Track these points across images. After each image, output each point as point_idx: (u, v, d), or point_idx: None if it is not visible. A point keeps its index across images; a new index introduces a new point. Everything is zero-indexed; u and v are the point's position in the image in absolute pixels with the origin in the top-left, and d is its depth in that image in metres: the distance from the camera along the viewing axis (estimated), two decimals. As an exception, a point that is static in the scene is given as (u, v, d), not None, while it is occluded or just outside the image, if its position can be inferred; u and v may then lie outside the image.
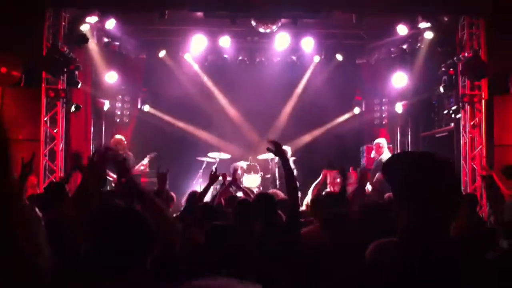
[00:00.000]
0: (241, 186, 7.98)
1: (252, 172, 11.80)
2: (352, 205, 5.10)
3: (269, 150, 4.37)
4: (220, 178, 6.79)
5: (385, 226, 2.46)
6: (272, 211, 4.40)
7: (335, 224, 3.92)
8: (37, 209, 4.12)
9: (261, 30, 9.92)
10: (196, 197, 6.17)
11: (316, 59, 12.85)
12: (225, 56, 12.63)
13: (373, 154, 11.24)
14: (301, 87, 13.53)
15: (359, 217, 3.60)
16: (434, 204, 1.74)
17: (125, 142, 10.78)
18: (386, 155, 10.47)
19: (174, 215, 5.78)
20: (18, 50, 9.36)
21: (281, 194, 6.77)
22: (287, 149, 11.67)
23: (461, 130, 10.42)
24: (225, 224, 3.85)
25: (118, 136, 10.89)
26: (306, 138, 13.49)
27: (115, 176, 10.21)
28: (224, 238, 3.20)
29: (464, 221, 5.47)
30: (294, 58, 12.80)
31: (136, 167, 10.52)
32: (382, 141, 10.94)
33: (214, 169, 6.43)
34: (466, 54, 9.88)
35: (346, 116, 13.65)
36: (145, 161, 10.63)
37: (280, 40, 11.73)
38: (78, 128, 10.84)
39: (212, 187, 6.96)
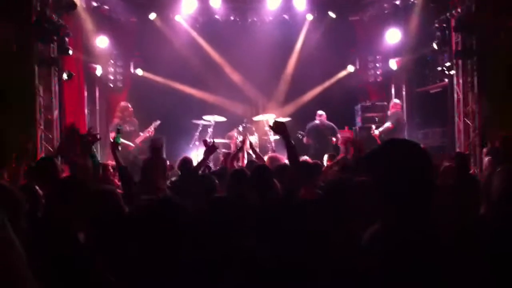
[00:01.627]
0: (256, 152, 8.03)
1: (248, 133, 11.84)
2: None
3: (271, 128, 4.32)
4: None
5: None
6: (266, 183, 4.45)
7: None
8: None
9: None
10: (187, 163, 6.20)
11: (309, 17, 12.72)
12: (217, 16, 12.50)
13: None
14: (296, 47, 13.42)
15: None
16: (412, 197, 1.80)
17: (131, 108, 10.91)
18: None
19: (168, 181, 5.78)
20: (6, 19, 9.22)
21: (281, 159, 6.83)
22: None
23: (454, 86, 10.43)
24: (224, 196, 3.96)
25: (123, 103, 11.02)
26: (302, 99, 13.50)
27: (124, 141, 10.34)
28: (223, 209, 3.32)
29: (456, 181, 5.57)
30: (286, 17, 12.68)
31: (142, 134, 10.60)
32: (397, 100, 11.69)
33: (211, 140, 6.36)
34: (459, 10, 9.78)
35: (341, 74, 13.60)
36: (151, 128, 10.68)
37: (272, -1, 11.58)
38: (72, 95, 10.82)
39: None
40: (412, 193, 1.80)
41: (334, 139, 11.18)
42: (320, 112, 11.64)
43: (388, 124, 10.91)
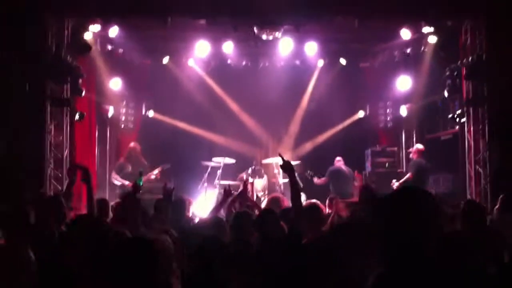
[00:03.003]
0: (249, 198, 7.95)
1: (257, 176, 11.83)
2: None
3: (280, 156, 4.49)
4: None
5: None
6: (272, 225, 4.42)
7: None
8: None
9: (264, 37, 9.91)
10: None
11: (320, 63, 12.87)
12: (229, 61, 12.67)
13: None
14: (307, 92, 13.54)
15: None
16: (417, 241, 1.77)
17: (139, 149, 11.13)
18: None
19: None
20: (21, 59, 9.41)
21: (283, 200, 6.78)
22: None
23: (466, 133, 10.39)
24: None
25: (132, 144, 11.20)
26: (312, 143, 13.52)
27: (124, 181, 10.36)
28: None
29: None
30: (297, 62, 12.82)
31: (146, 176, 10.55)
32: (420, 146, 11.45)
33: (228, 186, 6.45)
34: (470, 58, 9.84)
35: (351, 119, 13.65)
36: (156, 171, 10.70)
37: (283, 45, 11.72)
38: (82, 135, 10.91)
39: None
40: (418, 241, 1.76)
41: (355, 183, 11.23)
42: (338, 158, 11.85)
43: (407, 175, 10.86)
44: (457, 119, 10.47)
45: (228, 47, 11.92)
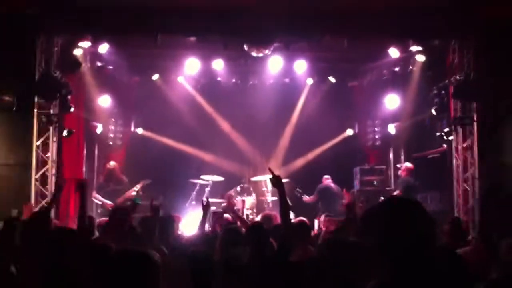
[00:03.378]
0: (237, 213, 7.95)
1: (245, 194, 11.78)
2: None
3: (270, 171, 4.54)
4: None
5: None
6: (261, 241, 4.39)
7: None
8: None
9: (254, 54, 9.96)
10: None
11: (309, 81, 12.94)
12: (218, 79, 12.69)
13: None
14: (297, 110, 13.59)
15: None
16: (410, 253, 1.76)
17: (117, 167, 10.94)
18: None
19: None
20: (10, 75, 9.38)
21: (275, 217, 6.76)
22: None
23: (453, 152, 10.46)
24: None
25: (111, 163, 10.98)
26: (301, 161, 13.53)
27: (105, 201, 10.26)
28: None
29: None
30: (287, 80, 12.88)
31: (127, 192, 10.48)
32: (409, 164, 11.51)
33: (205, 199, 6.38)
34: (457, 77, 9.95)
35: (340, 137, 13.69)
36: (137, 187, 10.57)
37: (273, 63, 11.80)
38: (70, 152, 10.81)
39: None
40: (410, 252, 1.76)
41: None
42: (326, 176, 11.96)
43: (395, 193, 10.92)
44: (445, 137, 10.53)
45: (218, 64, 11.97)
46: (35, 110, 9.63)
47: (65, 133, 9.98)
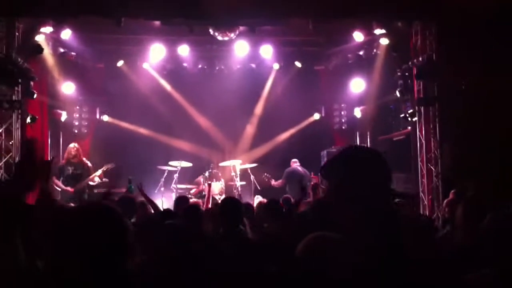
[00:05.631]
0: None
1: (214, 179, 11.79)
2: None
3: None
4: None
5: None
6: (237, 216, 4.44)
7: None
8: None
9: (219, 38, 9.95)
10: None
11: (276, 66, 12.98)
12: (184, 64, 12.63)
13: None
14: (264, 95, 13.64)
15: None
16: (369, 200, 1.79)
17: (77, 150, 10.27)
18: None
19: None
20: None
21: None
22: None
23: (417, 132, 10.64)
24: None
25: (71, 145, 10.47)
26: (269, 145, 13.60)
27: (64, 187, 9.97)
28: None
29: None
30: (253, 65, 12.89)
31: (91, 177, 10.18)
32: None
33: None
34: (420, 59, 10.11)
35: (307, 121, 13.81)
36: (99, 172, 10.31)
37: (239, 48, 11.80)
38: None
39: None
40: (374, 196, 1.79)
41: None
42: (294, 159, 12.07)
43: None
44: (409, 118, 10.71)
45: (184, 50, 11.90)
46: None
47: (28, 119, 9.79)
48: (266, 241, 4.49)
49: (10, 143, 9.61)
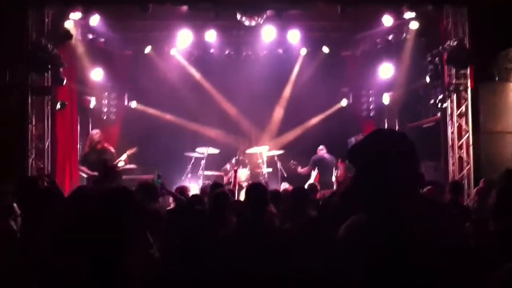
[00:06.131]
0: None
1: (241, 166, 11.80)
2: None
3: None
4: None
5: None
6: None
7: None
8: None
9: (246, 23, 9.88)
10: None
11: (303, 51, 12.86)
12: (211, 50, 12.61)
13: None
14: (291, 81, 13.56)
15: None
16: (394, 181, 1.75)
17: (101, 136, 10.40)
18: None
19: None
20: (1, 48, 9.27)
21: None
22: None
23: (448, 119, 10.44)
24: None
25: (94, 131, 10.61)
26: (295, 132, 13.55)
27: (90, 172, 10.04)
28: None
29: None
30: (280, 51, 12.80)
31: (114, 162, 10.24)
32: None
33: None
34: (450, 43, 9.89)
35: (334, 108, 13.69)
36: (124, 156, 10.38)
37: (266, 34, 11.70)
38: (64, 126, 10.74)
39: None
40: (401, 179, 1.75)
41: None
42: (321, 146, 12.06)
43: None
44: (439, 105, 10.50)
45: (211, 36, 11.87)
46: (28, 83, 9.53)
47: (58, 105, 9.93)
48: (294, 229, 4.46)
49: (41, 129, 9.75)
